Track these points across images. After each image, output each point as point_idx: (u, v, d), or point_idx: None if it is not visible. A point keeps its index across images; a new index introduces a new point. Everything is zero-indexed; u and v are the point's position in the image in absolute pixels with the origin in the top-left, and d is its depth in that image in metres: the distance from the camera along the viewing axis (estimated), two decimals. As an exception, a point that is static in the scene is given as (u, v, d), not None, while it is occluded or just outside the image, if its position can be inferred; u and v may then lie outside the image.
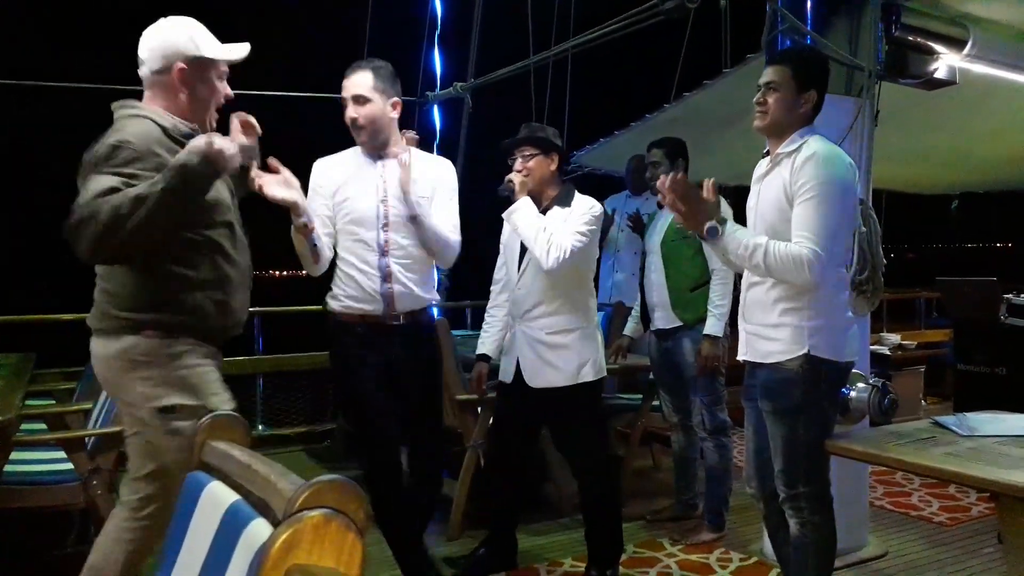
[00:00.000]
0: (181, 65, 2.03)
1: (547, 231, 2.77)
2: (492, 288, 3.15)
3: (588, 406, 2.94)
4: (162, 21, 2.07)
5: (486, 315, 3.16)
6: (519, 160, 2.89)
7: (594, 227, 2.83)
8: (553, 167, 2.90)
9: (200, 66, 2.06)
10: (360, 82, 2.66)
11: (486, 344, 3.12)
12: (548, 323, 2.86)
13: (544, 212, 2.87)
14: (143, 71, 2.07)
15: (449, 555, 3.27)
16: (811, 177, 2.24)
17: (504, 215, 2.89)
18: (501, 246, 3.09)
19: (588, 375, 2.88)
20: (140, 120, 2.00)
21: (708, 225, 2.31)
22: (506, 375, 3.00)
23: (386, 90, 2.67)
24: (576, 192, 2.93)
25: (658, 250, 3.58)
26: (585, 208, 2.85)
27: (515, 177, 2.86)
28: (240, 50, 2.13)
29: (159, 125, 2.01)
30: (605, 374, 2.99)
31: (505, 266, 3.06)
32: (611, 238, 5.08)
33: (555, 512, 3.78)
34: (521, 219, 2.81)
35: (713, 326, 3.40)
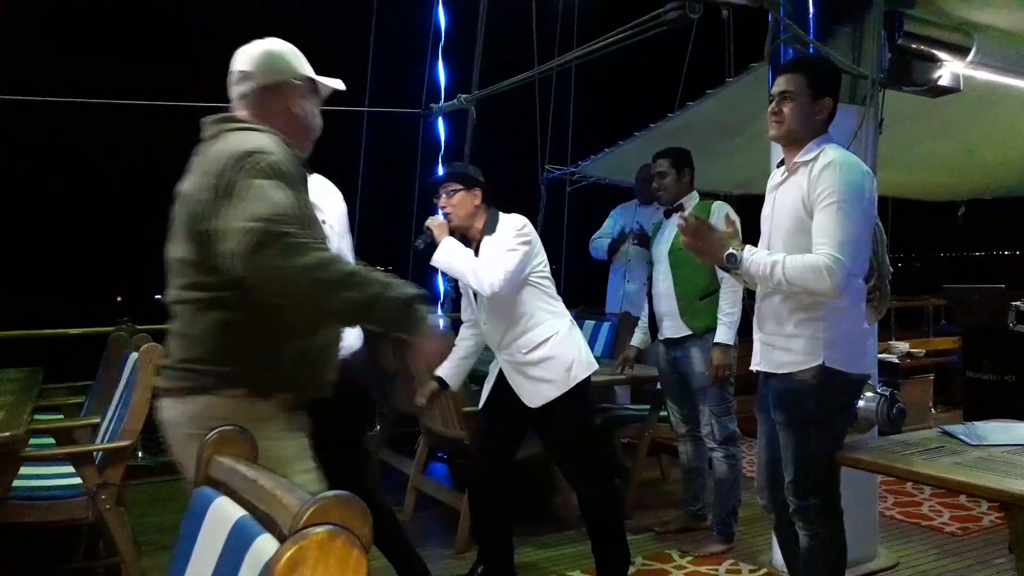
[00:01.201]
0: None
1: (474, 261, 2.81)
2: (462, 327, 3.15)
3: (582, 405, 2.94)
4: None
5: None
6: (443, 197, 2.93)
7: (524, 238, 2.85)
8: (477, 201, 2.92)
9: None
10: None
11: (443, 368, 3.06)
12: (523, 343, 2.88)
13: (479, 246, 2.89)
14: (236, 82, 1.87)
15: (457, 568, 3.26)
16: (830, 184, 2.22)
17: (433, 261, 2.90)
18: (461, 288, 3.13)
19: (580, 375, 2.89)
20: None
21: (726, 254, 2.30)
22: (480, 402, 3.06)
23: None
24: (501, 214, 2.95)
25: (665, 259, 3.58)
26: (509, 227, 2.88)
27: (431, 223, 2.91)
28: None
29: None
30: (596, 367, 2.99)
31: (470, 307, 3.09)
32: (623, 250, 5.09)
33: (563, 524, 3.77)
34: (447, 260, 2.84)
35: (724, 335, 3.40)
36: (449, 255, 2.85)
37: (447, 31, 6.17)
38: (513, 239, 2.84)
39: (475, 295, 2.98)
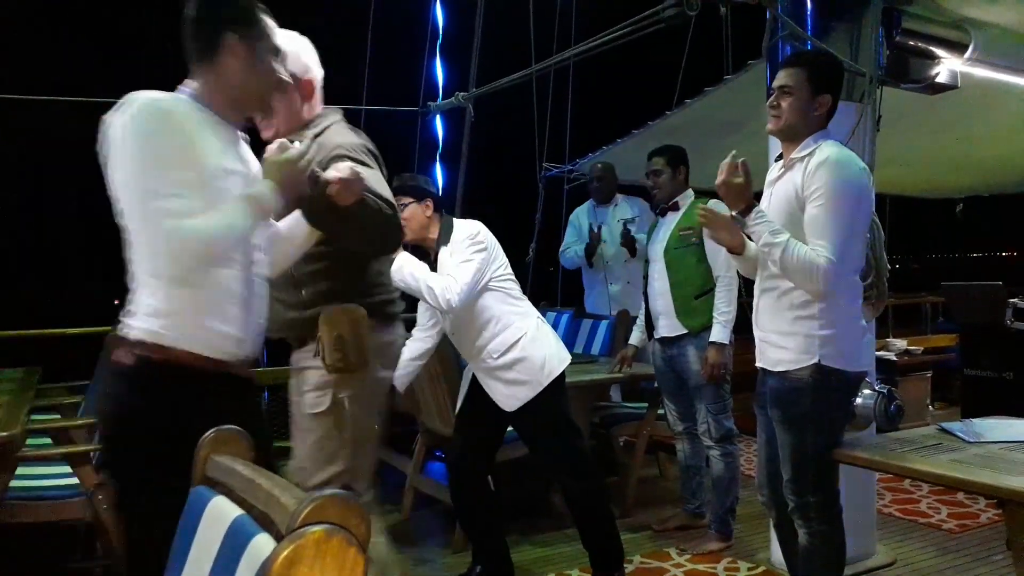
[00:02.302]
0: None
1: (428, 277, 2.75)
2: (415, 329, 3.13)
3: (556, 402, 2.93)
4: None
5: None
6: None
7: (478, 246, 2.83)
8: (428, 212, 2.89)
9: None
10: None
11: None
12: (493, 348, 2.88)
13: (436, 256, 2.87)
14: None
15: (455, 567, 3.26)
16: (824, 182, 2.22)
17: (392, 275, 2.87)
18: None
19: (554, 371, 2.89)
20: None
21: (742, 207, 2.29)
22: (456, 407, 3.07)
23: None
24: (455, 221, 2.93)
25: (661, 258, 3.57)
26: (463, 235, 2.85)
27: None
28: None
29: None
30: (568, 360, 2.99)
31: (429, 311, 3.07)
32: (599, 253, 5.04)
33: (560, 522, 3.76)
34: (404, 276, 2.74)
35: (719, 333, 3.39)
36: (402, 272, 2.72)
37: (445, 29, 6.17)
38: (468, 249, 2.81)
39: None
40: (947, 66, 3.46)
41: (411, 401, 3.90)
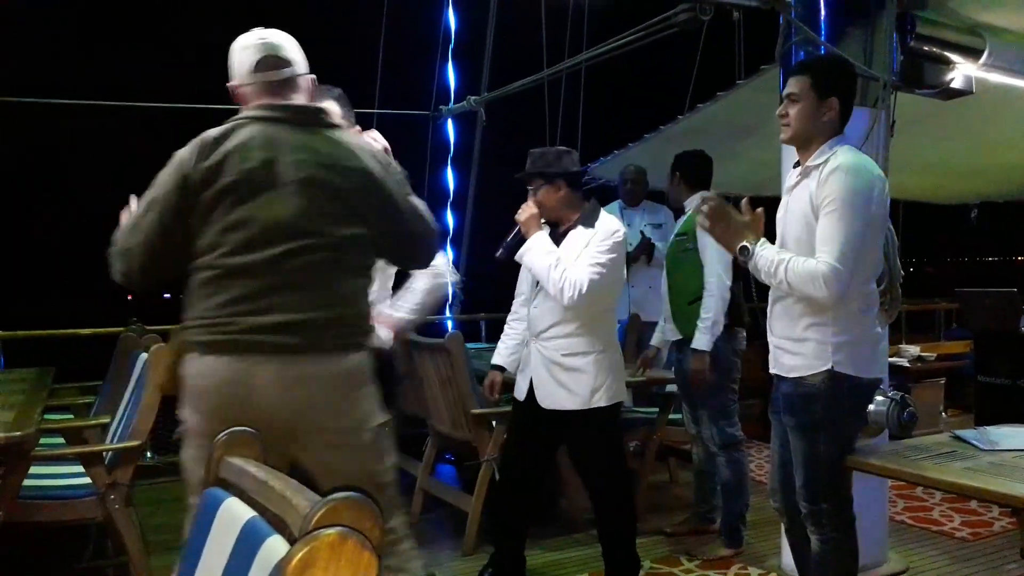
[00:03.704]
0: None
1: (560, 267, 2.70)
2: (515, 301, 3.10)
3: (601, 430, 2.86)
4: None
5: (506, 326, 3.13)
6: (531, 192, 2.85)
7: (615, 254, 2.74)
8: (561, 192, 2.83)
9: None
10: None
11: (501, 355, 3.09)
12: (564, 344, 2.80)
13: (565, 233, 2.82)
14: (300, 70, 1.95)
15: (464, 570, 3.26)
16: (835, 190, 2.20)
17: (517, 257, 2.84)
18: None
19: (601, 401, 2.80)
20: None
21: (740, 246, 2.30)
22: (519, 392, 2.95)
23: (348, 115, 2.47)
24: (603, 212, 2.86)
25: (665, 263, 3.62)
26: (607, 233, 2.77)
27: (521, 216, 2.83)
28: None
29: None
30: (622, 399, 2.92)
31: (527, 282, 2.99)
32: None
33: (570, 527, 3.75)
34: (532, 259, 2.76)
35: (699, 340, 3.36)
36: (532, 256, 2.75)
37: (457, 33, 6.18)
38: (604, 252, 2.72)
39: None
40: (962, 71, 3.44)
41: (419, 404, 3.91)
